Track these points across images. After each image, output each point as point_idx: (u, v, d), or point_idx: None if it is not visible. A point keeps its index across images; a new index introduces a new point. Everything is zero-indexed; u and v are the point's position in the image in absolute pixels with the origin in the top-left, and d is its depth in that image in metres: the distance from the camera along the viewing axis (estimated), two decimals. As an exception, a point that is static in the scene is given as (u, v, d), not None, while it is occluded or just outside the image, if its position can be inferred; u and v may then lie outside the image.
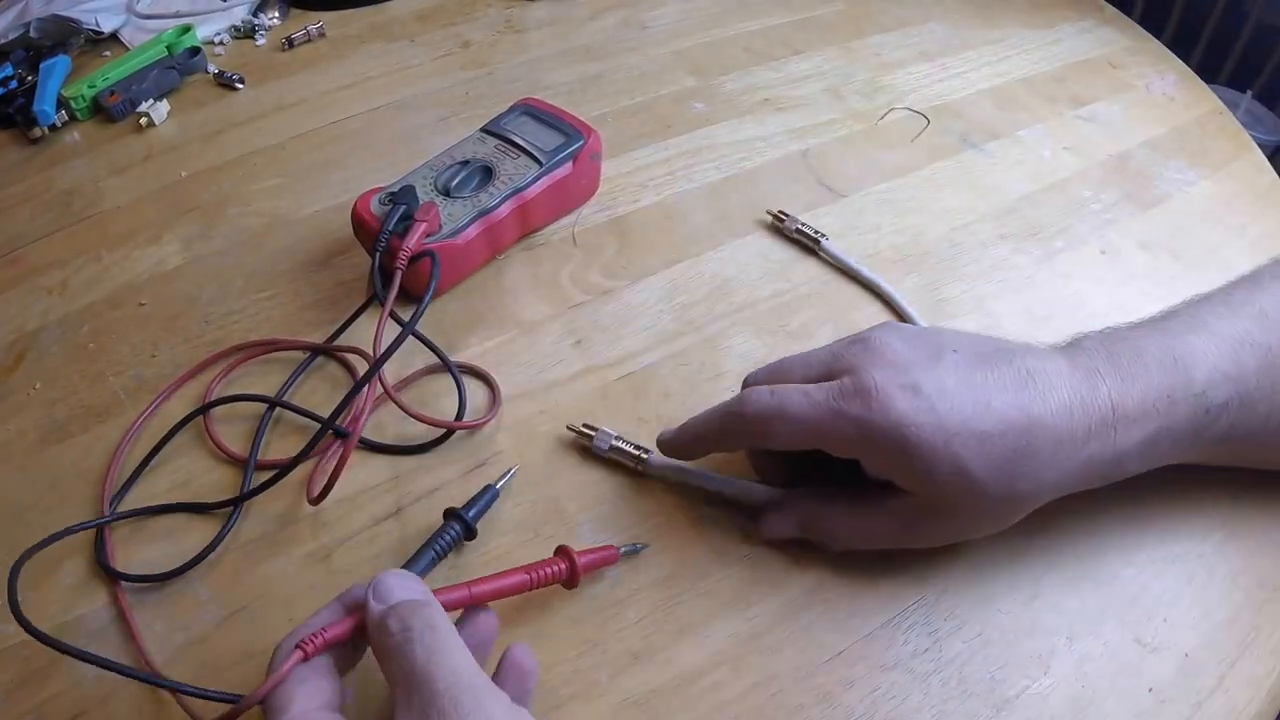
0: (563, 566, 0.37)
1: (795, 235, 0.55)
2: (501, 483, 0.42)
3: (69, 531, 0.39)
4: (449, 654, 0.28)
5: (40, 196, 0.59)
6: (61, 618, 0.38)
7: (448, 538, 0.40)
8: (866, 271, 0.52)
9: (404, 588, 0.31)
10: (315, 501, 0.41)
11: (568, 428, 0.44)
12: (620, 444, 0.43)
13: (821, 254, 0.54)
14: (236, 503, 0.41)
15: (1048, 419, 0.35)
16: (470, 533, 0.40)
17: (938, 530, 0.38)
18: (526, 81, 0.68)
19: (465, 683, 0.27)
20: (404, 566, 0.39)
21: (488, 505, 0.41)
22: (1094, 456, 0.35)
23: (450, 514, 0.40)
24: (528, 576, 0.35)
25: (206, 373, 0.48)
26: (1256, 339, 0.37)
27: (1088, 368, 0.36)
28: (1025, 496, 0.36)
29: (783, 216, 0.55)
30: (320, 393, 0.47)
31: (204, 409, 0.45)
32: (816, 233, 0.54)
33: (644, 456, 0.42)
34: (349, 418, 0.44)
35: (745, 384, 0.40)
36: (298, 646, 0.30)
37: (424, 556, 0.39)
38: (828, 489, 0.40)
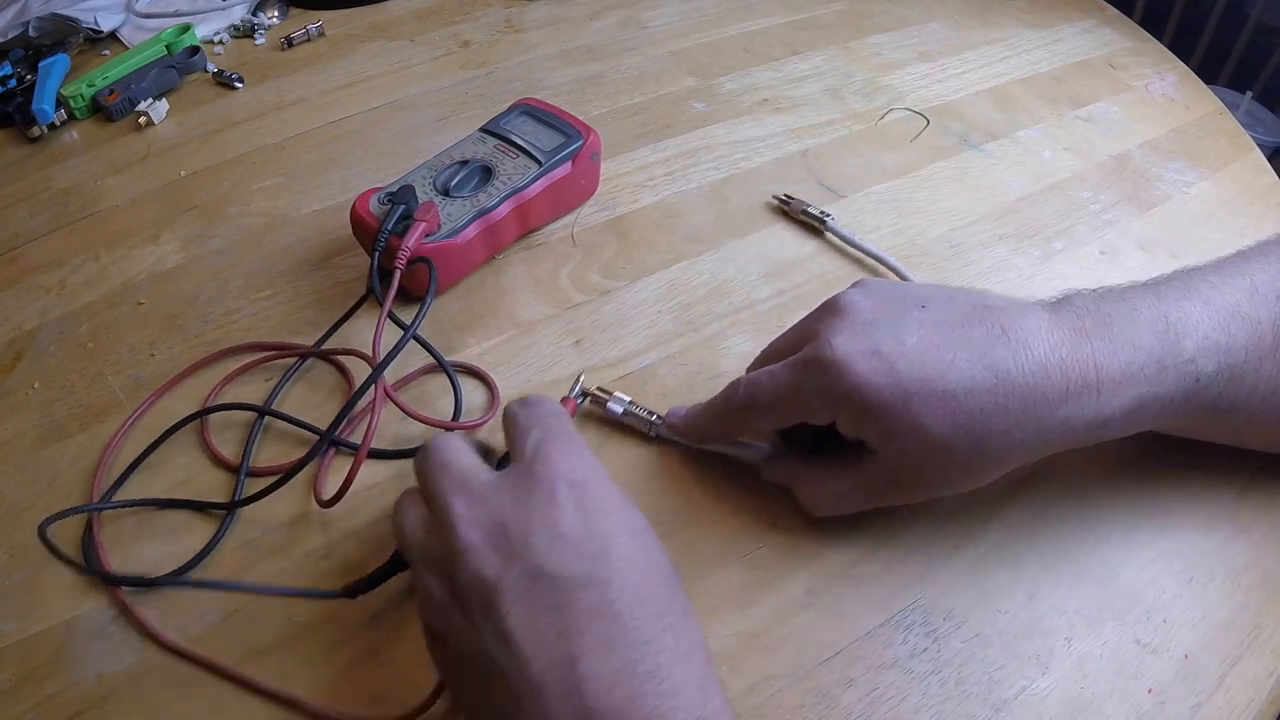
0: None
1: (801, 217, 0.56)
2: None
3: (76, 511, 0.40)
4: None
5: (39, 195, 0.59)
6: (61, 616, 0.38)
7: None
8: (871, 247, 0.54)
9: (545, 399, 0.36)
10: (327, 504, 0.40)
11: (582, 390, 0.45)
12: (635, 410, 0.44)
13: (828, 234, 0.55)
14: (229, 508, 0.41)
15: (1018, 378, 0.34)
16: None
17: (908, 489, 0.38)
18: (526, 81, 0.68)
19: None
20: None
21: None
22: (1070, 418, 0.34)
23: None
24: None
25: (206, 371, 0.48)
26: (1245, 311, 0.37)
27: (1075, 326, 0.35)
28: (995, 456, 0.35)
29: (788, 199, 0.57)
30: (320, 392, 0.47)
31: (196, 415, 0.45)
32: (822, 213, 0.55)
33: (655, 422, 0.44)
34: (351, 423, 0.43)
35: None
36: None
37: None
38: (813, 452, 0.41)
